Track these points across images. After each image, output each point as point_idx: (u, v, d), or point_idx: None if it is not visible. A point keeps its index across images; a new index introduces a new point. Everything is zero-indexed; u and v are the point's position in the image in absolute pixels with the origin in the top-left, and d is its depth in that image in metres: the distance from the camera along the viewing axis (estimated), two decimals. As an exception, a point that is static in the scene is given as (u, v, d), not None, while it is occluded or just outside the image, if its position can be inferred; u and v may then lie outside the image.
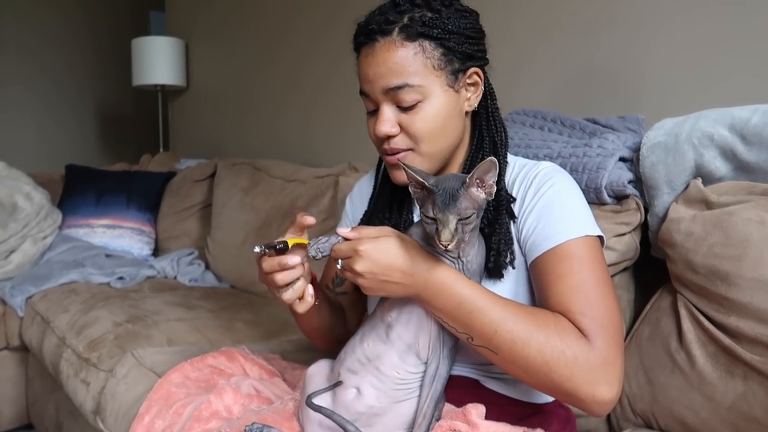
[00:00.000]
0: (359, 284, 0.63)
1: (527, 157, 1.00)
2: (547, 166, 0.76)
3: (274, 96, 2.41)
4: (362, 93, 0.73)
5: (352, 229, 0.65)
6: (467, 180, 0.60)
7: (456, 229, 0.58)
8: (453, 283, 0.63)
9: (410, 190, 0.63)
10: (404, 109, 0.70)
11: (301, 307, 0.69)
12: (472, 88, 0.75)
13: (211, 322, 1.55)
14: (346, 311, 0.90)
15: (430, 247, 0.64)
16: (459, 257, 0.65)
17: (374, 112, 0.73)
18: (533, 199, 0.72)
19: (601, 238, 0.73)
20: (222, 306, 1.72)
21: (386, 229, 0.64)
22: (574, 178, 0.92)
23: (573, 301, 0.65)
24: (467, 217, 0.59)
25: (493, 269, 0.71)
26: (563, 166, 0.99)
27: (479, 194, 0.62)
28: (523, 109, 1.21)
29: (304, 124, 2.30)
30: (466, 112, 0.75)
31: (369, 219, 0.83)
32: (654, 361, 0.89)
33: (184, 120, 2.98)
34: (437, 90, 0.70)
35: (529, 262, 0.71)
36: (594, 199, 1.00)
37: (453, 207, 0.59)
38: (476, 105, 0.75)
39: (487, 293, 0.64)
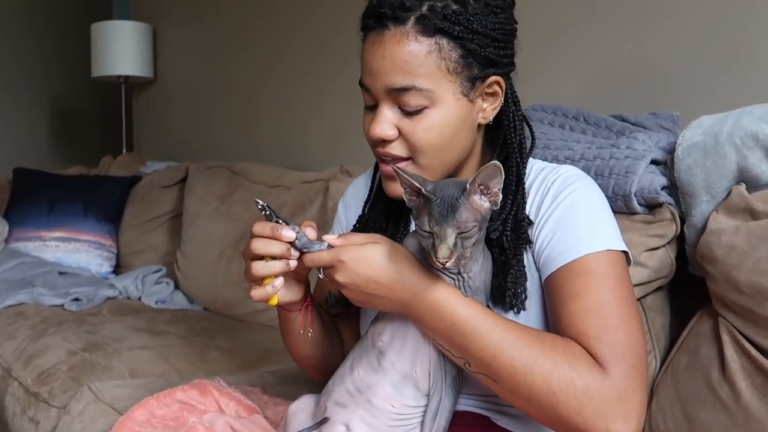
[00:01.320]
0: (345, 295, 0.64)
1: (545, 160, 1.01)
2: (567, 170, 0.76)
3: (254, 89, 2.40)
4: (361, 84, 0.73)
5: (340, 236, 0.66)
6: (468, 187, 0.60)
7: (455, 245, 0.59)
8: (446, 300, 0.63)
9: (405, 198, 0.63)
10: (407, 113, 0.70)
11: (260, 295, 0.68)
12: (490, 99, 0.74)
13: (181, 351, 1.54)
14: (342, 334, 0.90)
15: (426, 261, 0.64)
16: (460, 273, 0.66)
17: (373, 108, 0.73)
18: (550, 207, 0.72)
19: (626, 254, 0.73)
20: (194, 332, 1.72)
21: (376, 236, 0.65)
22: (599, 184, 0.91)
23: (588, 323, 0.65)
24: (468, 231, 0.59)
25: (507, 304, 0.71)
26: (587, 170, 0.98)
27: (482, 203, 0.62)
28: (541, 104, 1.21)
29: (289, 122, 2.29)
30: (479, 125, 0.75)
31: (364, 226, 0.83)
32: (693, 395, 0.88)
33: (150, 117, 2.97)
34: (448, 97, 0.70)
35: (543, 279, 0.72)
36: (622, 208, 0.99)
37: (452, 219, 0.59)
38: (491, 118, 0.75)
39: (486, 313, 0.64)
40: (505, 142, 0.76)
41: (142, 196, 2.37)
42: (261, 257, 0.67)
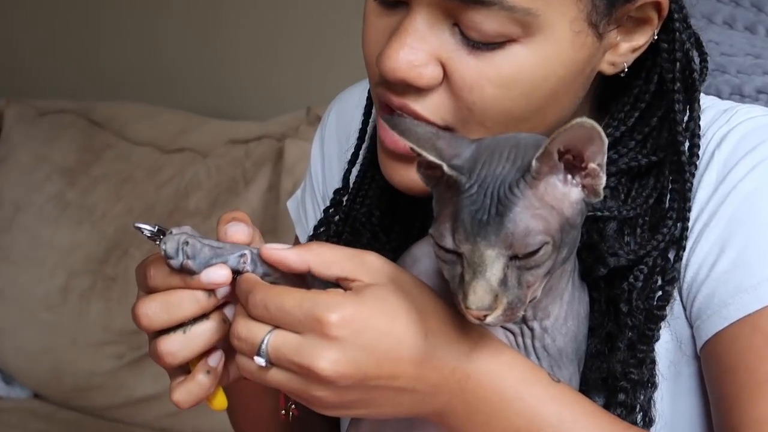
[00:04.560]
0: (313, 403, 0.54)
1: (719, 95, 0.91)
2: (753, 117, 0.68)
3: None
4: None
5: (301, 247, 0.56)
6: (534, 163, 0.51)
7: (503, 281, 0.50)
8: (513, 384, 0.56)
9: (421, 178, 0.56)
10: (473, 44, 0.60)
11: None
12: (635, 30, 0.65)
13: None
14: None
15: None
16: (525, 322, 0.58)
17: (393, 6, 0.63)
18: (713, 196, 0.65)
19: None
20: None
21: (367, 258, 0.56)
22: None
23: None
24: (531, 252, 0.50)
25: (615, 404, 0.65)
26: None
27: (567, 191, 0.53)
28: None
29: (206, 25, 2.04)
30: (600, 74, 0.67)
31: (345, 217, 0.75)
32: None
33: None
34: (560, 27, 0.61)
35: (698, 330, 0.65)
36: None
37: (497, 228, 0.49)
38: (628, 64, 0.66)
39: (593, 413, 0.58)
40: (652, 106, 0.68)
41: None
42: (174, 326, 0.57)
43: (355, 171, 0.76)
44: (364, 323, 0.52)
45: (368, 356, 0.52)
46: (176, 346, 0.56)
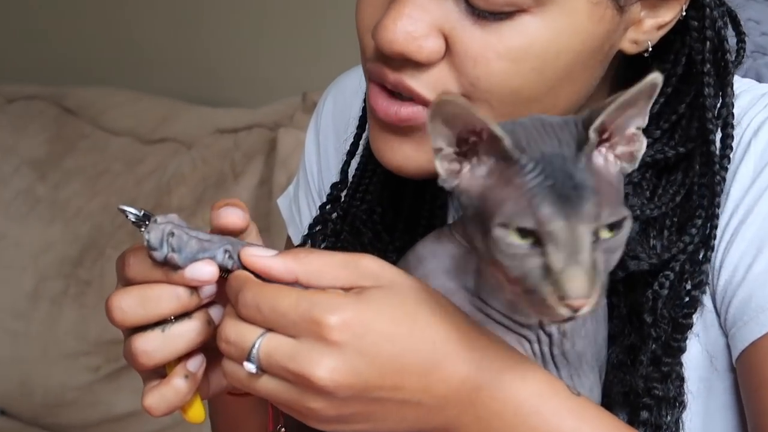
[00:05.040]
0: (307, 416, 0.53)
1: (759, 80, 0.84)
2: None
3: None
4: None
5: (287, 254, 0.54)
6: (591, 134, 0.50)
7: (594, 264, 0.49)
8: (529, 397, 0.55)
9: (440, 170, 0.52)
10: (479, 14, 0.59)
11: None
12: (663, 8, 0.64)
13: None
14: None
15: (478, 304, 0.58)
16: (542, 327, 0.57)
17: None
18: (752, 189, 0.65)
19: None
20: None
21: (368, 262, 0.54)
22: None
23: None
24: (617, 229, 0.50)
25: (640, 422, 0.65)
26: None
27: (610, 163, 0.53)
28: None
29: (192, 3, 2.01)
30: (621, 52, 0.65)
31: (344, 214, 0.75)
32: None
33: None
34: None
35: (733, 339, 0.64)
36: None
37: (584, 201, 0.48)
38: (652, 43, 0.65)
39: (606, 423, 0.57)
40: (679, 91, 0.67)
41: None
42: (152, 323, 0.55)
43: (354, 163, 0.75)
44: (365, 327, 0.51)
45: (370, 364, 0.51)
46: (152, 345, 0.55)
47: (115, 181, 1.69)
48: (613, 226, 0.49)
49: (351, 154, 0.75)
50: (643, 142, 0.53)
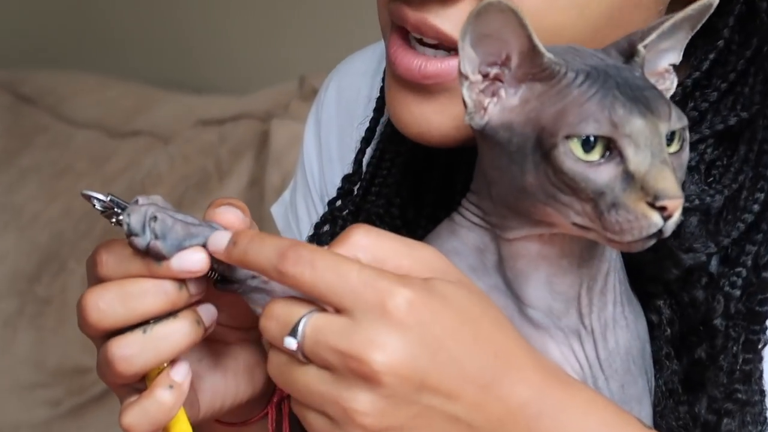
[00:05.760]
0: (346, 421, 0.50)
1: None
2: None
3: None
4: None
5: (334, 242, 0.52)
6: (640, 48, 0.51)
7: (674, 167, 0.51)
8: (595, 427, 0.54)
9: (467, 101, 0.52)
10: None
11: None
12: None
13: None
14: None
15: (513, 303, 0.56)
16: (581, 319, 0.56)
17: None
18: None
19: None
20: None
21: (437, 261, 0.53)
22: None
23: None
24: (683, 131, 0.51)
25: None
26: None
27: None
28: None
29: None
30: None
31: (356, 210, 0.73)
32: None
33: None
34: None
35: None
36: None
37: (655, 101, 0.50)
38: None
39: None
40: (738, 44, 0.66)
41: None
42: (132, 325, 0.53)
43: (368, 153, 0.74)
44: (433, 315, 0.49)
45: (431, 359, 0.49)
46: (133, 349, 0.52)
47: (79, 182, 1.62)
48: (673, 138, 0.49)
49: (367, 141, 0.73)
50: (673, 82, 0.53)
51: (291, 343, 0.46)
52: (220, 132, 1.59)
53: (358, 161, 0.73)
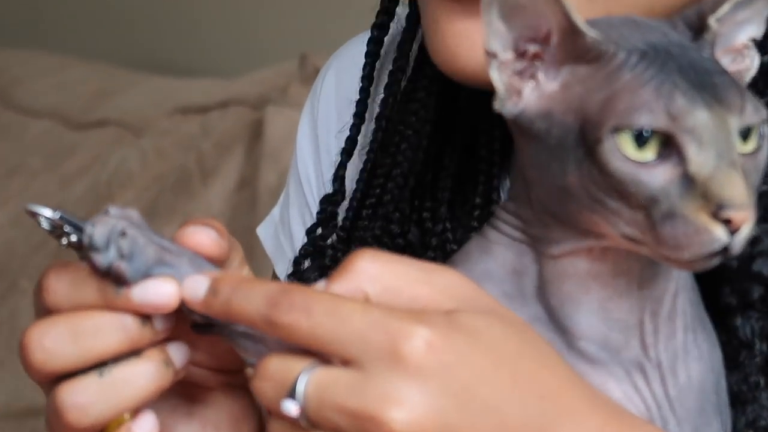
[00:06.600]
0: None
1: None
2: None
3: None
4: None
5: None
6: (711, 24, 0.49)
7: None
8: None
9: (499, 84, 0.51)
10: None
11: None
12: None
13: None
14: None
15: (561, 337, 0.54)
16: (645, 350, 0.54)
17: None
18: None
19: None
20: None
21: (457, 283, 0.50)
22: None
23: None
24: (762, 124, 0.49)
25: None
26: None
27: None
28: None
29: None
30: None
31: (357, 213, 0.72)
32: None
33: None
34: None
35: None
36: None
37: (724, 89, 0.47)
38: None
39: None
40: None
41: None
42: (88, 367, 0.50)
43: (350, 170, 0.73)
44: (458, 357, 0.45)
45: (461, 410, 0.45)
46: (87, 397, 0.48)
47: (33, 182, 1.62)
48: (748, 135, 0.47)
49: (348, 153, 0.71)
50: (754, 59, 0.51)
51: (291, 408, 0.42)
52: (202, 122, 1.53)
53: (339, 178, 0.71)
